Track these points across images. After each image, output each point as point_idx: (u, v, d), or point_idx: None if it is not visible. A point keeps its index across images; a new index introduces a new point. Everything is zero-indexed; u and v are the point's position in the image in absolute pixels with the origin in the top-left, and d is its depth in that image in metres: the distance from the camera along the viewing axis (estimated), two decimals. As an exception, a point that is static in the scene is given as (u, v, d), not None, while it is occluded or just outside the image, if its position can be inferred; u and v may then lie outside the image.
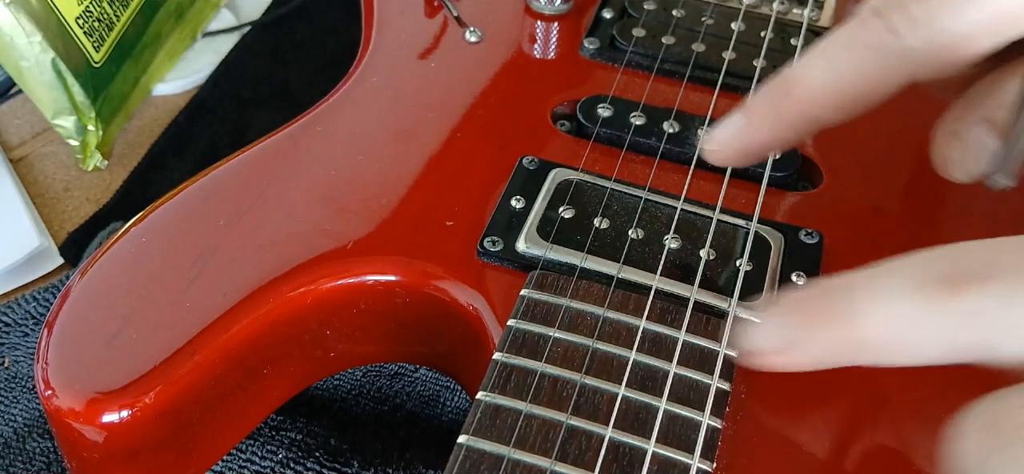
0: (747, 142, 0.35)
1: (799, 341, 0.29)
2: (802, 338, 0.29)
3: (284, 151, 0.43)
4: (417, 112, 0.45)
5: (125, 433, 0.35)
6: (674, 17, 0.51)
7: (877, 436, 0.35)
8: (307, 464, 0.42)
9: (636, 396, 0.33)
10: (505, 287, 0.38)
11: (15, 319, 0.49)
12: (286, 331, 0.38)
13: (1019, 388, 0.24)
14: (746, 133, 0.35)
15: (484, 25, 0.50)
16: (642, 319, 0.36)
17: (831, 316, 0.28)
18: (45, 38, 0.53)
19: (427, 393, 0.46)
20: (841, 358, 0.28)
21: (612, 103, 0.46)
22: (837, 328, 0.28)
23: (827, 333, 0.28)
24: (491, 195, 0.41)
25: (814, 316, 0.28)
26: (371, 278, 0.39)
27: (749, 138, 0.35)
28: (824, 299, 0.28)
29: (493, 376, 0.34)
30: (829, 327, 0.28)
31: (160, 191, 0.42)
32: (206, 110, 0.61)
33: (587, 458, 0.31)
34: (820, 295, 0.29)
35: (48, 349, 0.36)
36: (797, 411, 0.35)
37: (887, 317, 0.27)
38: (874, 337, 0.27)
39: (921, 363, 0.27)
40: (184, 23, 0.64)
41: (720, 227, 0.40)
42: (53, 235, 0.54)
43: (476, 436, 0.32)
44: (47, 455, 0.44)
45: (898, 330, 0.27)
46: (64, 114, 0.56)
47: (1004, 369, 0.26)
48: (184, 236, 0.40)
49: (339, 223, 0.40)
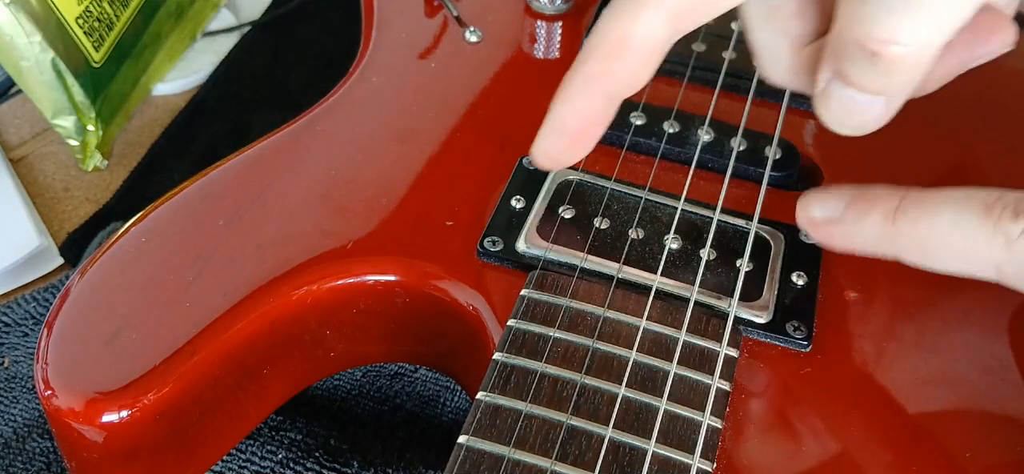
0: (553, 126, 0.33)
1: (859, 219, 0.33)
2: (864, 217, 0.33)
3: (284, 151, 0.43)
4: (417, 112, 0.45)
5: (125, 433, 0.35)
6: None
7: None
8: (307, 464, 0.42)
9: (636, 396, 0.33)
10: (505, 287, 0.38)
11: (15, 319, 0.49)
12: (286, 331, 0.38)
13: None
14: (550, 120, 0.33)
15: (484, 25, 0.50)
16: (642, 319, 0.36)
17: (902, 211, 0.32)
18: (45, 38, 0.53)
19: (427, 393, 0.46)
20: (893, 247, 0.33)
21: (612, 103, 0.46)
22: (902, 222, 0.32)
23: (895, 224, 0.32)
24: (491, 195, 0.41)
25: (883, 203, 0.33)
26: (371, 278, 0.39)
27: (554, 122, 0.33)
28: (890, 195, 0.33)
29: (493, 376, 0.34)
30: (899, 221, 0.32)
31: (160, 191, 0.42)
32: (206, 110, 0.61)
33: (587, 458, 0.31)
34: (887, 191, 0.33)
35: (48, 349, 0.36)
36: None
37: (951, 224, 0.31)
38: (934, 237, 0.32)
39: (966, 274, 0.32)
40: (184, 23, 0.64)
41: (721, 227, 0.40)
42: (53, 235, 0.54)
43: (476, 436, 0.32)
44: (47, 455, 0.44)
45: (959, 237, 0.31)
46: (64, 114, 0.56)
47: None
48: (184, 236, 0.40)
49: (339, 223, 0.40)
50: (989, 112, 0.46)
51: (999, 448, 0.35)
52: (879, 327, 0.37)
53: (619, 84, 0.32)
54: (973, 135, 0.45)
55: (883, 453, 0.34)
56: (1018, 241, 0.30)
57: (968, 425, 0.35)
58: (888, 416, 0.35)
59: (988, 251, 0.31)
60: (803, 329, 0.37)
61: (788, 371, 0.36)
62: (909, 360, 0.37)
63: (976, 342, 0.37)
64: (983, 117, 0.46)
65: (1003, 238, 0.31)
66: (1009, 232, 0.31)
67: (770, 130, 0.44)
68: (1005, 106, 0.32)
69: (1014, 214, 0.31)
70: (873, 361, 0.37)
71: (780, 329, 0.37)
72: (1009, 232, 0.31)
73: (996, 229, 0.31)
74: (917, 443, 0.35)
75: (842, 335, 0.37)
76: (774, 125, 0.44)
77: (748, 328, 0.37)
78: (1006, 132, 0.46)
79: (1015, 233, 0.30)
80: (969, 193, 0.32)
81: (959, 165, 0.44)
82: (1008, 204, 0.31)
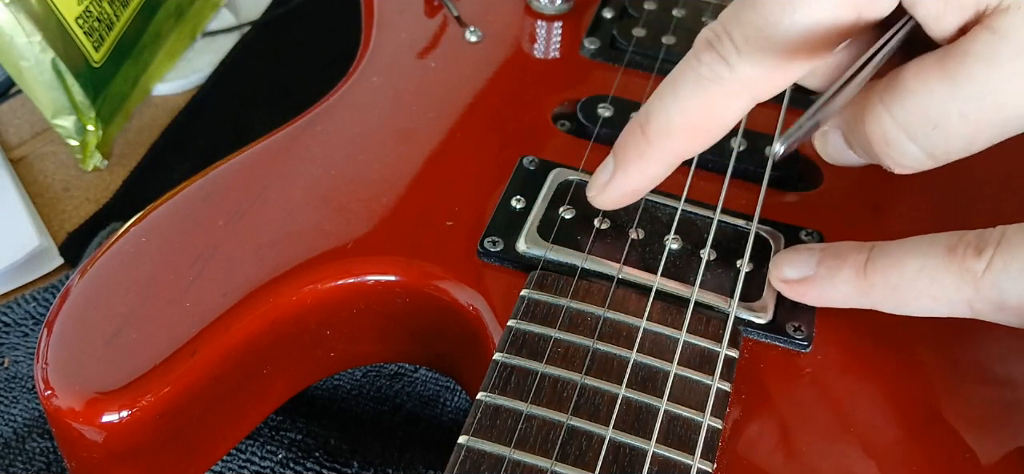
0: (623, 186, 0.37)
1: (831, 275, 0.35)
2: (835, 274, 0.34)
3: (284, 151, 0.43)
4: (417, 112, 0.45)
5: (125, 433, 0.35)
6: (674, 17, 0.50)
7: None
8: (307, 464, 0.42)
9: (637, 396, 0.33)
10: (505, 287, 0.38)
11: (15, 319, 0.49)
12: (286, 331, 0.38)
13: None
14: (620, 178, 0.37)
15: (484, 25, 0.50)
16: (643, 319, 0.36)
17: (871, 264, 0.34)
18: (45, 38, 0.53)
19: (427, 393, 0.46)
20: (868, 300, 0.34)
21: (613, 103, 0.46)
22: (873, 274, 0.34)
23: (866, 277, 0.34)
24: (491, 195, 0.41)
25: (852, 257, 0.34)
26: (371, 278, 0.39)
27: (624, 183, 0.37)
28: (858, 250, 0.34)
29: (493, 376, 0.34)
30: (870, 274, 0.34)
31: (160, 191, 0.42)
32: (206, 110, 0.61)
33: (587, 459, 0.31)
34: (855, 247, 0.34)
35: (48, 349, 0.36)
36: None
37: (918, 270, 0.33)
38: (905, 285, 0.33)
39: (941, 314, 0.33)
40: (184, 23, 0.64)
41: (721, 227, 0.40)
42: (53, 235, 0.54)
43: (476, 436, 0.32)
44: (47, 455, 0.44)
45: (927, 282, 0.32)
46: (64, 114, 0.56)
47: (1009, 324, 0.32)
48: (184, 236, 0.40)
49: (339, 223, 0.40)
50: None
51: (1000, 446, 0.35)
52: (879, 328, 0.37)
53: (692, 153, 0.36)
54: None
55: (883, 453, 0.34)
56: (984, 278, 0.31)
57: (968, 425, 0.35)
58: (888, 416, 0.35)
59: (958, 291, 0.32)
60: (803, 330, 0.37)
61: (788, 372, 0.36)
62: (909, 360, 0.37)
63: (976, 342, 0.37)
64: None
65: (970, 277, 0.32)
66: (974, 270, 0.31)
67: (770, 130, 0.44)
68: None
69: (976, 252, 0.32)
70: (873, 362, 0.37)
71: (780, 330, 0.37)
72: (974, 270, 0.31)
73: (963, 269, 0.32)
74: (917, 443, 0.35)
75: (842, 336, 0.37)
76: (774, 125, 0.44)
77: (748, 328, 0.37)
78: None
79: (980, 270, 0.31)
80: (932, 239, 0.33)
81: (956, 163, 0.44)
82: (970, 243, 0.32)
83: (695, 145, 0.36)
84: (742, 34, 0.32)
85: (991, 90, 0.30)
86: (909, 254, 0.33)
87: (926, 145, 0.32)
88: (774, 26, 0.32)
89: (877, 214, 0.42)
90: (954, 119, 0.31)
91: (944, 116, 0.31)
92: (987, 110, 0.31)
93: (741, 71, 0.33)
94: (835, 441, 0.34)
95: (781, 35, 0.32)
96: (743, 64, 0.33)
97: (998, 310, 0.32)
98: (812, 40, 0.32)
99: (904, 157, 0.33)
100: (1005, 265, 0.31)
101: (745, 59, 0.33)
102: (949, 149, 0.32)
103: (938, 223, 0.34)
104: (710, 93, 0.34)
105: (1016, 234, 0.31)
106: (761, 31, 0.32)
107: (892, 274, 0.33)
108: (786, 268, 0.36)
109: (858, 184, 0.43)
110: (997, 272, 0.31)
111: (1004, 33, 0.30)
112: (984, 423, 0.35)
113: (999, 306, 0.32)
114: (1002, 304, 0.32)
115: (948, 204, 0.43)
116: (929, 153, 0.32)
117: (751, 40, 0.32)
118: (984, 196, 0.43)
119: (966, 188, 0.43)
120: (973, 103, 0.31)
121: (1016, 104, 0.31)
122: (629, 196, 0.37)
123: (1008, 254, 0.31)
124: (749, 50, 0.32)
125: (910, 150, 0.32)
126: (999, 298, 0.31)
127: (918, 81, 0.31)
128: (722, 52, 0.33)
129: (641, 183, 0.37)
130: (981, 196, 0.43)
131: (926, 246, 0.33)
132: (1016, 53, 0.30)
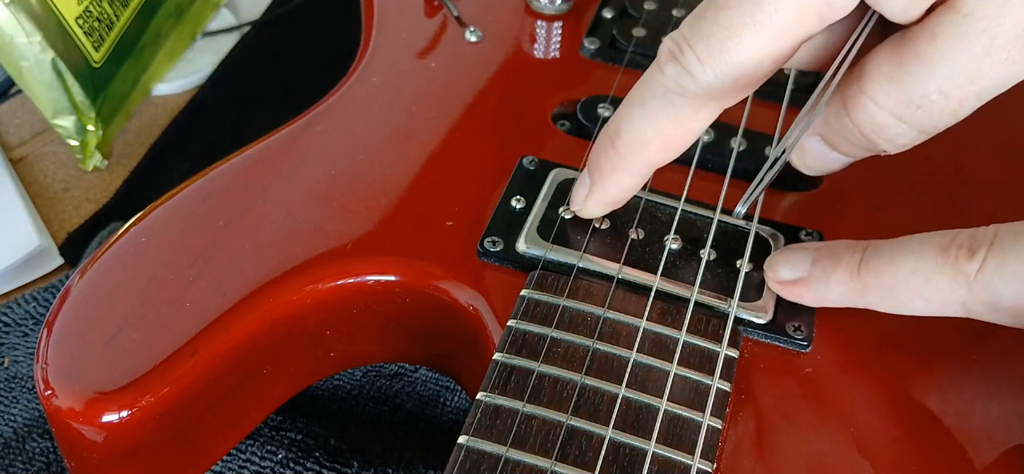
0: (601, 199, 0.38)
1: (826, 276, 0.35)
2: (830, 274, 0.35)
3: (284, 151, 0.43)
4: (417, 112, 0.45)
5: (125, 433, 0.35)
6: (674, 17, 0.50)
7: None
8: (307, 464, 0.42)
9: (636, 396, 0.33)
10: (505, 287, 0.38)
11: (15, 319, 0.49)
12: (286, 331, 0.38)
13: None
14: (597, 193, 0.38)
15: (484, 25, 0.50)
16: (643, 319, 0.36)
17: (865, 264, 0.34)
18: (45, 38, 0.53)
19: (427, 393, 0.46)
20: (863, 300, 0.34)
21: (613, 103, 0.46)
22: (867, 275, 0.34)
23: (860, 278, 0.34)
24: (491, 195, 0.41)
25: (847, 258, 0.34)
26: (371, 278, 0.39)
27: (601, 196, 0.38)
28: (852, 250, 0.34)
29: (493, 376, 0.34)
30: (864, 274, 0.34)
31: (160, 191, 0.42)
32: (206, 110, 0.61)
33: (587, 459, 0.31)
34: (850, 246, 0.35)
35: (48, 349, 0.36)
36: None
37: (911, 271, 0.33)
38: (899, 286, 0.33)
39: (936, 314, 0.33)
40: (184, 23, 0.64)
41: (721, 228, 0.40)
42: (53, 235, 0.54)
43: (476, 436, 0.32)
44: (47, 455, 0.44)
45: (920, 283, 0.32)
46: (64, 114, 0.56)
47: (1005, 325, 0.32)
48: (184, 236, 0.40)
49: (339, 223, 0.40)
50: (983, 107, 0.46)
51: (1000, 446, 0.35)
52: (879, 328, 0.37)
53: (665, 162, 0.36)
54: (967, 129, 0.45)
55: (883, 453, 0.34)
56: (977, 278, 0.31)
57: (969, 425, 0.35)
58: (888, 416, 0.35)
59: (951, 292, 0.32)
60: (803, 330, 0.37)
61: (788, 372, 0.36)
62: (909, 360, 0.37)
63: (977, 341, 0.37)
64: (977, 112, 0.46)
65: (963, 278, 0.32)
66: (967, 271, 0.32)
67: (770, 130, 0.44)
68: (998, 100, 0.33)
69: (969, 253, 0.32)
70: (873, 362, 0.37)
71: (780, 330, 0.37)
72: (967, 271, 0.32)
73: (955, 270, 0.32)
74: (917, 443, 0.35)
75: (842, 336, 0.37)
76: (774, 125, 0.44)
77: (748, 329, 0.37)
78: (999, 126, 0.46)
79: (973, 271, 0.32)
80: (924, 239, 0.33)
81: (953, 158, 0.44)
82: (962, 243, 0.32)
83: (667, 155, 0.36)
84: (704, 45, 0.32)
85: (963, 67, 0.31)
86: (902, 255, 0.33)
87: (914, 122, 0.32)
88: (735, 37, 0.32)
89: (877, 214, 0.42)
90: (934, 97, 0.32)
91: (924, 96, 0.32)
92: (964, 85, 0.31)
93: (705, 82, 0.33)
94: (835, 441, 0.34)
95: (742, 46, 0.32)
96: (707, 75, 0.33)
97: (992, 311, 0.32)
98: (774, 49, 0.32)
99: (897, 136, 0.33)
100: (998, 267, 0.31)
101: (709, 70, 0.32)
102: (937, 122, 0.33)
103: (938, 223, 0.34)
104: (676, 105, 0.34)
105: (1009, 235, 0.31)
106: (722, 42, 0.32)
107: (886, 275, 0.33)
108: (781, 268, 0.37)
109: (858, 184, 0.43)
110: (990, 274, 0.31)
111: (968, 12, 0.30)
112: (984, 423, 0.35)
113: (993, 307, 0.32)
114: (996, 305, 0.32)
115: (948, 204, 0.43)
116: (919, 129, 0.33)
117: (713, 50, 0.32)
118: (984, 196, 0.43)
119: (966, 188, 0.43)
120: (949, 81, 0.31)
121: (991, 76, 0.31)
122: (611, 206, 0.38)
123: (1001, 255, 0.31)
124: (712, 61, 0.32)
125: (900, 129, 0.33)
126: (993, 300, 0.32)
127: (894, 66, 0.32)
128: (685, 64, 0.33)
129: (619, 195, 0.38)
130: (981, 196, 0.43)
131: (919, 247, 0.33)
132: (982, 29, 0.30)
